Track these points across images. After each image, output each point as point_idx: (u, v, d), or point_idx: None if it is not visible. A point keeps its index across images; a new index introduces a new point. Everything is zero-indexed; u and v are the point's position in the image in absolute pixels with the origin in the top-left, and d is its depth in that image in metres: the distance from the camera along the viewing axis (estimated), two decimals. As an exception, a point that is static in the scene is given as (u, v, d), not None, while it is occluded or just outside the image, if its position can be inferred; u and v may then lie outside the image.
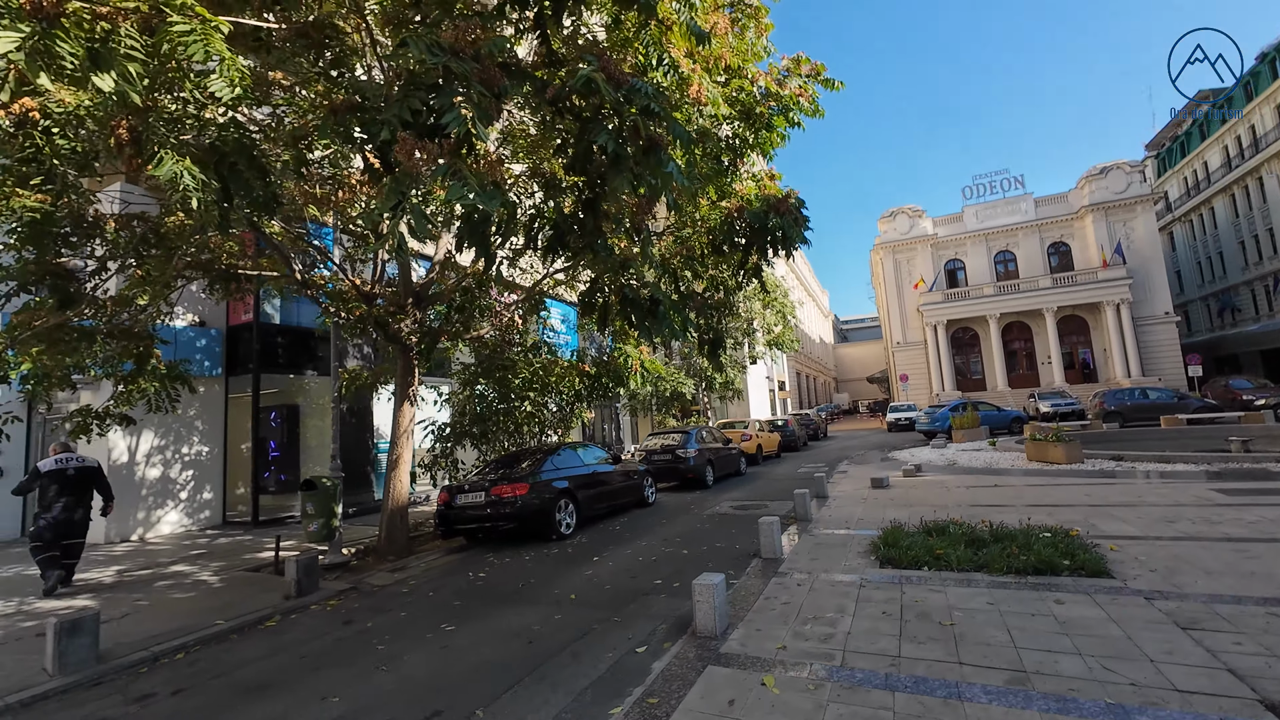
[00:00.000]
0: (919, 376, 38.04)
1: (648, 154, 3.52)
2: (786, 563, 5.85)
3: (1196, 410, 20.56)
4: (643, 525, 8.82)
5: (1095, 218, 34.60)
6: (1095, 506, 7.48)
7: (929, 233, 39.12)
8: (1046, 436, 12.52)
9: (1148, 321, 32.98)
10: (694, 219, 8.00)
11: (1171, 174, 45.88)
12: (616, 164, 3.44)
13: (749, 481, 13.82)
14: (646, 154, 3.51)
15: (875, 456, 17.22)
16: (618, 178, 3.51)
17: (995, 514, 7.46)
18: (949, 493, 9.45)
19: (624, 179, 3.51)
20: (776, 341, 21.49)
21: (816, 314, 66.89)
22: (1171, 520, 6.40)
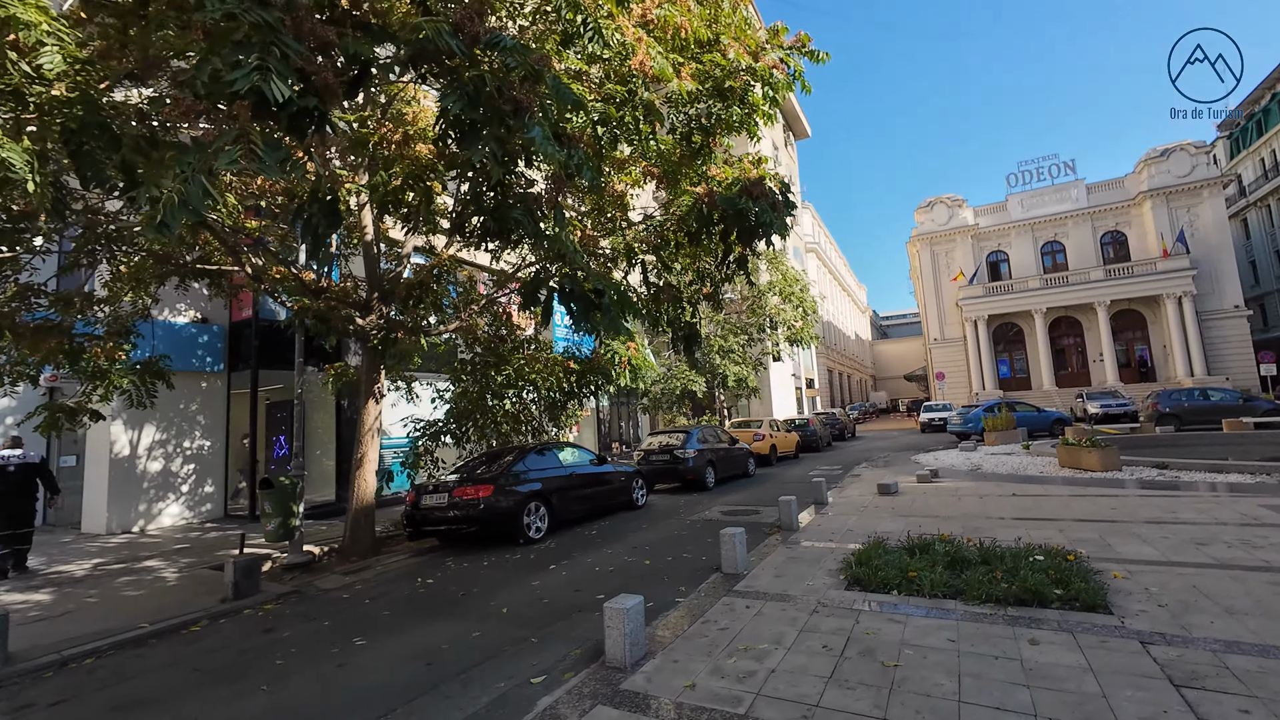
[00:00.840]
0: (958, 375, 36.15)
1: (514, 119, 3.08)
2: (747, 579, 5.33)
3: (1265, 413, 18.63)
4: (620, 530, 8.40)
5: (1155, 204, 31.99)
6: (1117, 522, 6.62)
7: (969, 223, 37.07)
8: (1080, 441, 11.43)
9: (1214, 316, 30.28)
10: (676, 204, 7.51)
11: (1246, 155, 42.03)
12: (472, 132, 3.02)
13: (755, 484, 13.20)
14: (511, 119, 3.08)
15: (898, 459, 16.25)
16: (470, 147, 3.09)
17: (1000, 528, 6.72)
18: (958, 502, 8.65)
19: (479, 149, 3.08)
20: (796, 338, 20.61)
21: (852, 309, 64.77)
22: (1203, 543, 5.54)
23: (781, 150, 37.22)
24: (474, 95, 2.88)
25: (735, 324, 19.27)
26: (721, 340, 18.20)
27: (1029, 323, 34.20)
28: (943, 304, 37.36)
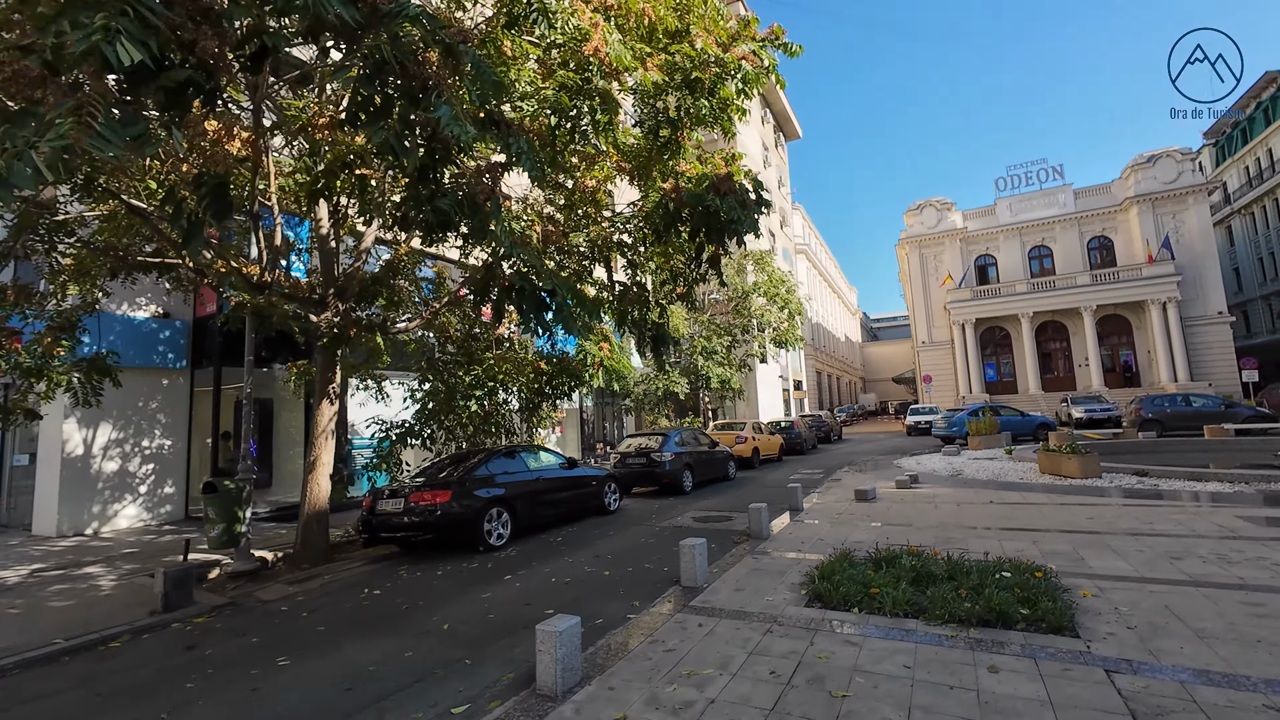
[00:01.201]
0: (945, 378, 36.20)
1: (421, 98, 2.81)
2: (705, 594, 5.08)
3: (1246, 420, 18.68)
4: (587, 537, 8.13)
5: (1141, 210, 32.16)
6: (1093, 534, 6.44)
7: (958, 226, 37.12)
8: (1060, 447, 11.29)
9: (1198, 322, 30.47)
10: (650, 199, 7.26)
11: (1231, 163, 42.46)
12: (378, 113, 2.75)
13: (734, 488, 12.98)
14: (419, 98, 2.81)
15: (881, 463, 16.09)
16: (371, 127, 2.81)
17: (973, 538, 6.52)
18: (935, 510, 8.46)
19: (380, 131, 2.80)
20: (781, 339, 20.42)
21: (843, 311, 64.87)
22: (1178, 557, 5.36)
23: (772, 151, 37.09)
24: (374, 70, 2.61)
25: (719, 325, 19.06)
26: (705, 341, 17.98)
27: (1016, 327, 34.29)
28: (931, 307, 37.39)
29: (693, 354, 18.28)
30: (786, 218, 39.95)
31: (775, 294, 19.29)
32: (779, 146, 39.13)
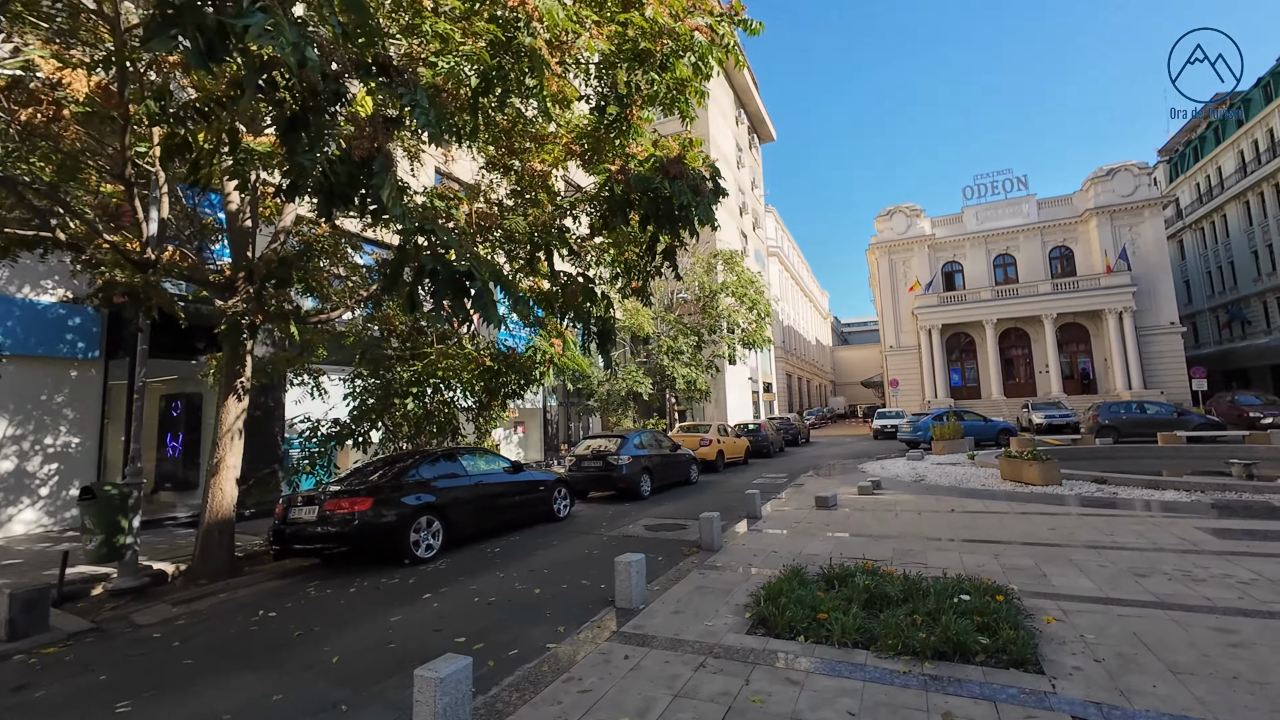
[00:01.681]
0: (911, 382, 36.59)
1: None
2: (640, 617, 4.57)
3: (1197, 427, 19.11)
4: (528, 547, 7.54)
5: (1100, 221, 33.01)
6: (1055, 546, 6.15)
7: (927, 233, 37.59)
8: (1021, 454, 11.16)
9: (1151, 331, 31.40)
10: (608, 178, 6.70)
11: (1184, 179, 44.12)
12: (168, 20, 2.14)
13: (695, 492, 12.53)
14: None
15: (846, 467, 15.88)
16: (160, 35, 2.21)
17: (933, 551, 6.16)
18: (895, 519, 8.12)
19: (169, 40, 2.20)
20: (749, 340, 20.11)
21: (814, 315, 65.42)
22: (1143, 574, 5.06)
23: (746, 152, 36.96)
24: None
25: (687, 325, 18.62)
26: (671, 341, 17.51)
27: (980, 333, 34.83)
28: (899, 312, 37.77)
29: (658, 354, 17.79)
30: (759, 220, 39.89)
31: (744, 294, 18.94)
32: (753, 148, 39.06)
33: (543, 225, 6.31)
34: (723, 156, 30.86)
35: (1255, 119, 35.63)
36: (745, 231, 34.61)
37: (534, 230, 6.28)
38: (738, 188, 33.77)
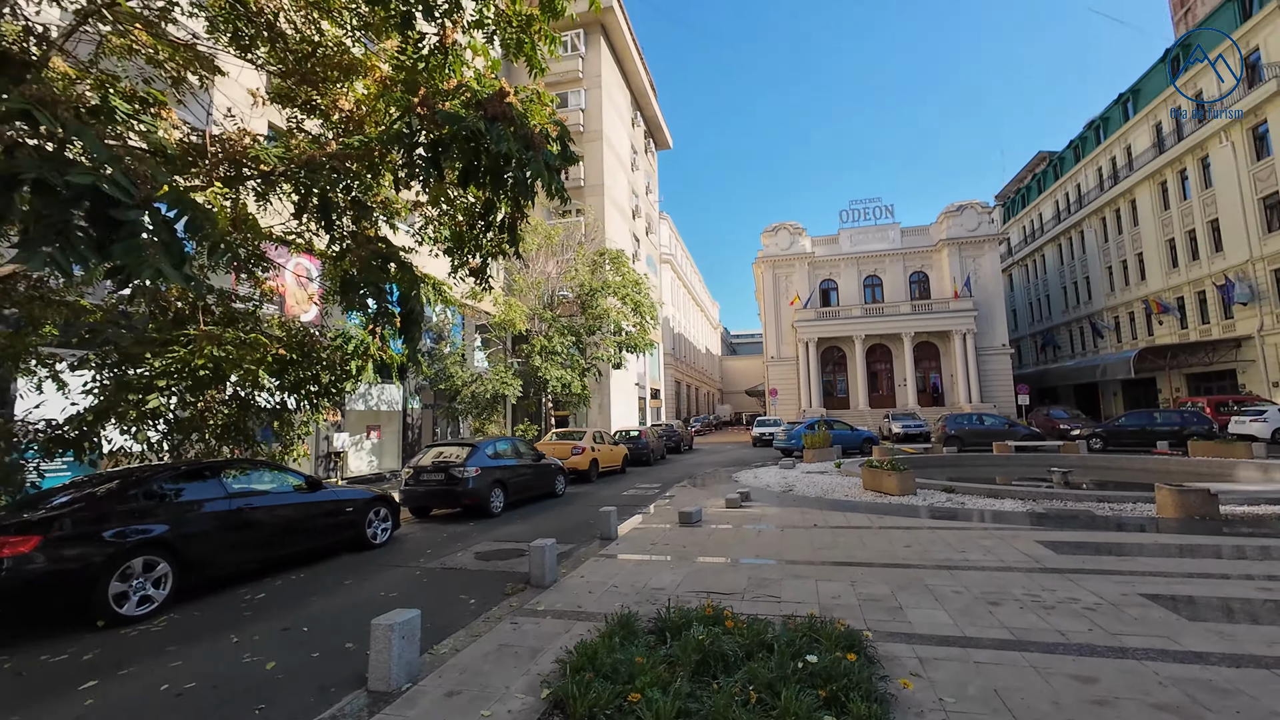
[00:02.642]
0: (790, 392, 38.24)
1: None
2: (397, 705, 3.25)
3: (1023, 438, 21.33)
4: (308, 589, 5.87)
5: (951, 251, 36.76)
6: (911, 568, 5.72)
7: (807, 251, 39.68)
8: (882, 464, 11.27)
9: (987, 352, 35.39)
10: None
11: (1014, 221, 50.95)
12: None
13: (558, 507, 11.30)
14: None
15: (720, 476, 15.51)
16: None
17: (790, 580, 5.45)
18: (758, 538, 7.48)
19: None
20: (632, 344, 19.32)
21: (705, 324, 67.15)
22: (995, 601, 4.65)
23: (641, 155, 36.66)
24: None
25: (564, 324, 17.38)
26: (545, 340, 16.17)
27: (851, 347, 37.26)
28: (781, 324, 39.42)
29: (531, 353, 16.35)
30: (653, 225, 39.81)
31: (626, 294, 18.10)
32: (649, 152, 38.95)
33: (309, 162, 4.76)
34: (616, 155, 30.19)
35: (1067, 175, 41.87)
36: (638, 235, 34.19)
37: (296, 166, 4.70)
38: (631, 190, 33.29)
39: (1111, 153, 36.45)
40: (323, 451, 16.27)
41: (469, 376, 15.71)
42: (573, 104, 28.08)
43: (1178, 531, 7.07)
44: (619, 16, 28.63)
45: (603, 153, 27.72)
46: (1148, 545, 6.42)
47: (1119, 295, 35.60)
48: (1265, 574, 5.21)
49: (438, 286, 8.26)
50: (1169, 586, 4.90)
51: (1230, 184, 26.90)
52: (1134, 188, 33.41)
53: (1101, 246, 37.17)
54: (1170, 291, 31.16)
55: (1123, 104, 35.57)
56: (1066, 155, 42.60)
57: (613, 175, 29.11)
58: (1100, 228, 37.21)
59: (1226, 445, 15.45)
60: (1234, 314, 27.26)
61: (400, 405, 19.38)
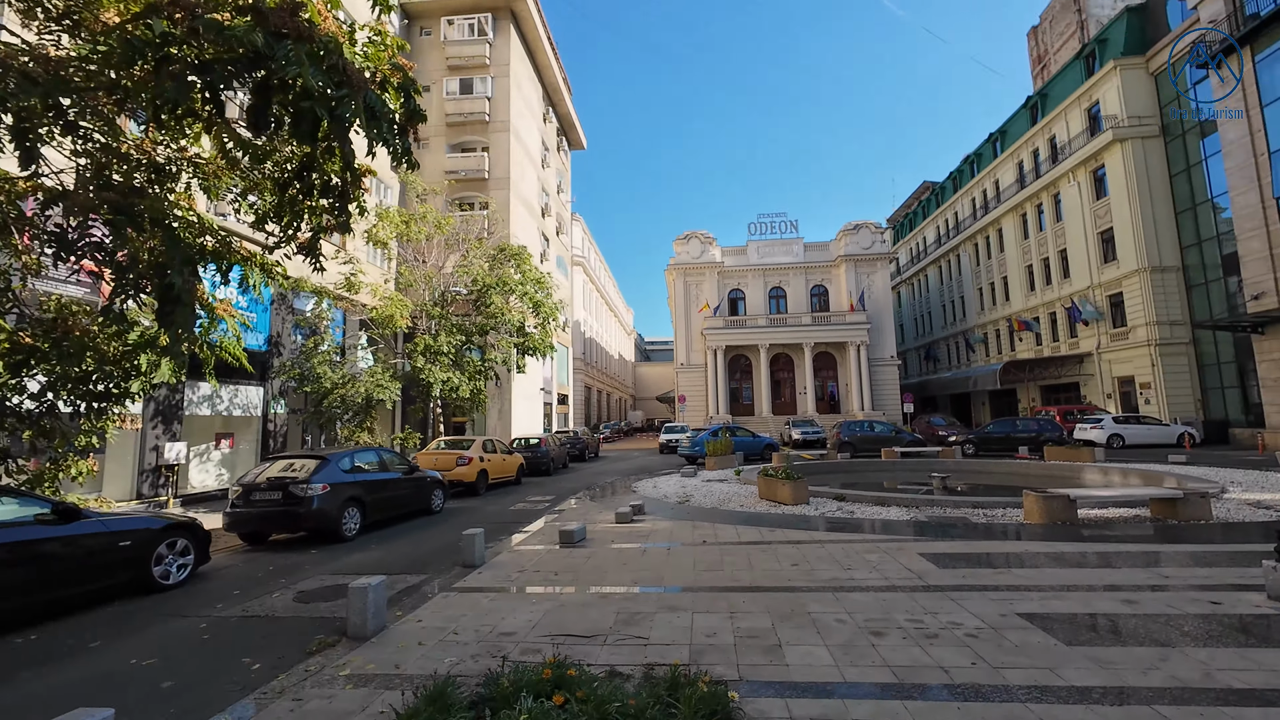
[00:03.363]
0: (698, 399, 38.58)
1: None
2: None
3: (908, 444, 22.61)
4: (34, 655, 4.36)
5: (848, 267, 38.92)
6: (797, 592, 5.24)
7: (717, 260, 40.39)
8: (777, 473, 11.07)
9: (878, 363, 37.74)
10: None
11: (903, 243, 55.29)
12: None
13: (431, 526, 10.00)
14: None
15: (619, 486, 14.80)
16: None
17: (664, 614, 4.74)
18: (641, 559, 6.78)
19: None
20: (531, 346, 18.14)
21: (618, 330, 66.82)
22: (879, 632, 4.21)
23: (553, 153, 35.55)
24: None
25: (454, 323, 15.90)
26: (430, 339, 14.63)
27: (756, 356, 38.28)
28: (691, 331, 39.75)
29: (413, 353, 14.74)
30: (565, 226, 38.76)
31: (525, 292, 16.92)
32: (561, 150, 37.90)
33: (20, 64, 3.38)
34: (525, 149, 28.90)
35: (946, 203, 45.99)
36: (548, 234, 32.99)
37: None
38: (541, 187, 32.08)
39: (983, 185, 40.40)
40: (150, 464, 13.69)
41: (339, 378, 13.84)
42: (478, 91, 26.51)
43: (1044, 538, 7.24)
44: (530, 5, 27.49)
45: (509, 144, 26.36)
46: (1020, 554, 6.44)
47: (988, 314, 39.39)
48: (1125, 582, 5.25)
49: (267, 266, 6.87)
50: (1044, 603, 4.74)
51: (1076, 219, 30.52)
52: (1000, 218, 37.15)
53: (974, 269, 41.02)
54: (1029, 312, 34.84)
55: (992, 143, 39.57)
56: (947, 186, 46.80)
57: (520, 169, 27.80)
58: (973, 252, 41.06)
59: (1074, 450, 17.08)
60: (1078, 333, 30.88)
61: (260, 410, 16.93)
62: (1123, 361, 27.99)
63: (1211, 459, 17.44)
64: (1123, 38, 28.10)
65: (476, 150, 26.73)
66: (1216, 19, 21.84)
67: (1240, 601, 4.64)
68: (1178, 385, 25.76)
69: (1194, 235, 25.80)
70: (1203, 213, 25.26)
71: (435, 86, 26.64)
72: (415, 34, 27.19)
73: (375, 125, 4.11)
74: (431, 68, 26.89)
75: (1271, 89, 20.14)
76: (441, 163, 25.95)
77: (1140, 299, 26.77)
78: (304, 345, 15.04)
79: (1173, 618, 4.36)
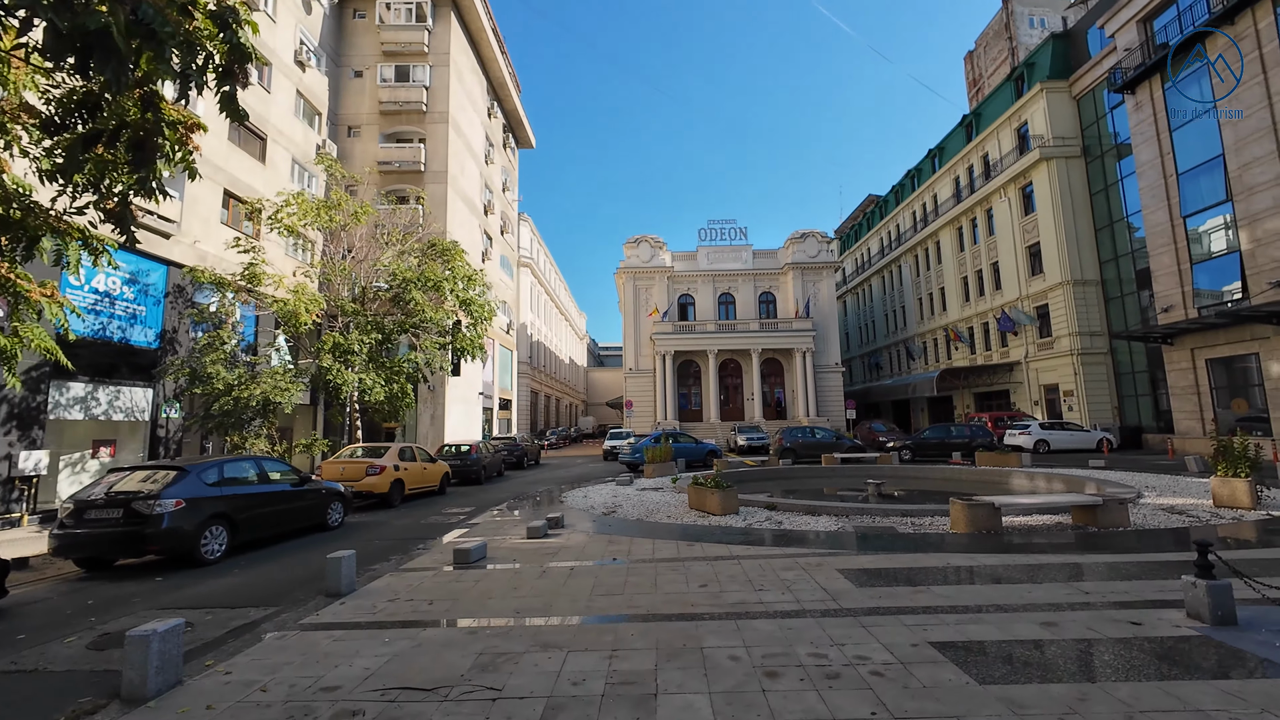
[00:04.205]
0: (646, 404, 38.03)
1: None
2: None
3: (848, 449, 22.70)
4: None
5: (795, 275, 39.38)
6: (696, 620, 4.60)
7: (667, 265, 40.10)
8: (706, 482, 10.53)
9: (823, 370, 38.26)
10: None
11: (849, 253, 56.73)
12: None
13: (317, 545, 8.88)
14: None
15: (550, 496, 13.95)
16: None
17: (534, 654, 4.01)
18: (537, 582, 6.02)
19: None
20: (459, 347, 17.03)
21: (570, 334, 65.69)
22: (774, 673, 3.61)
23: (499, 149, 34.40)
24: None
25: (368, 320, 14.63)
26: (339, 337, 13.36)
27: (705, 361, 38.12)
28: (640, 337, 39.24)
29: (321, 350, 13.42)
30: (510, 225, 37.56)
31: (453, 288, 15.77)
32: (507, 148, 36.73)
33: None
34: (466, 143, 27.68)
35: (889, 216, 47.44)
36: (490, 233, 31.77)
37: None
38: (484, 184, 30.89)
39: (923, 199, 41.82)
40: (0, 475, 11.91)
41: (234, 378, 12.42)
42: (416, 79, 25.19)
43: (968, 549, 6.93)
44: (473, -7, 26.43)
45: (448, 136, 25.13)
46: (941, 569, 6.05)
47: (927, 323, 40.66)
48: (1045, 601, 4.88)
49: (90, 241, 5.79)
50: (960, 629, 4.27)
51: (1007, 233, 31.82)
52: (939, 230, 38.46)
53: (915, 280, 42.33)
54: (964, 322, 36.10)
55: (932, 158, 41.03)
56: (890, 199, 48.29)
57: (460, 163, 26.58)
58: (914, 263, 42.38)
59: (1003, 455, 17.41)
60: (1009, 343, 32.14)
61: (149, 414, 15.16)
62: (1048, 370, 29.24)
63: (1126, 463, 18.16)
64: (1049, 62, 29.55)
65: (413, 141, 25.37)
66: (1131, 47, 23.14)
67: (1160, 621, 4.30)
68: (1097, 393, 27.05)
69: (1111, 251, 27.25)
70: (1119, 230, 26.71)
71: (369, 72, 25.17)
72: (348, 16, 25.67)
73: (155, 49, 3.24)
74: (366, 52, 25.41)
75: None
76: (374, 152, 24.48)
77: (1064, 310, 28.04)
78: (198, 341, 13.51)
79: (1093, 643, 3.96)
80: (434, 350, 15.84)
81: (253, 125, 18.90)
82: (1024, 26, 41.40)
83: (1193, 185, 21.00)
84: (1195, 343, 20.74)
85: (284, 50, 20.95)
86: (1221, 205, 19.89)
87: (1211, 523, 8.15)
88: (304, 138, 21.91)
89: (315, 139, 22.70)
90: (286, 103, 20.99)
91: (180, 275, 15.56)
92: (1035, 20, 40.57)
